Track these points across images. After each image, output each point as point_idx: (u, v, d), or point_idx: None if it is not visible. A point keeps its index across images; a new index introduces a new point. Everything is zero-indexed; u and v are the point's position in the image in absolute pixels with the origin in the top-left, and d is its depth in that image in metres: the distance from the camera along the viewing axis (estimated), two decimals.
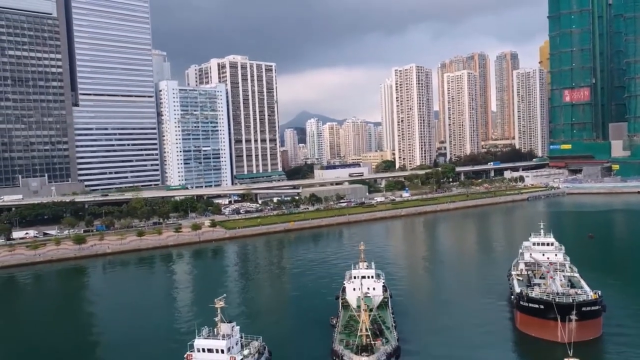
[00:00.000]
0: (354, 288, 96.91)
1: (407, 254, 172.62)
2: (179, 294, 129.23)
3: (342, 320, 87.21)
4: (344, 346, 70.11)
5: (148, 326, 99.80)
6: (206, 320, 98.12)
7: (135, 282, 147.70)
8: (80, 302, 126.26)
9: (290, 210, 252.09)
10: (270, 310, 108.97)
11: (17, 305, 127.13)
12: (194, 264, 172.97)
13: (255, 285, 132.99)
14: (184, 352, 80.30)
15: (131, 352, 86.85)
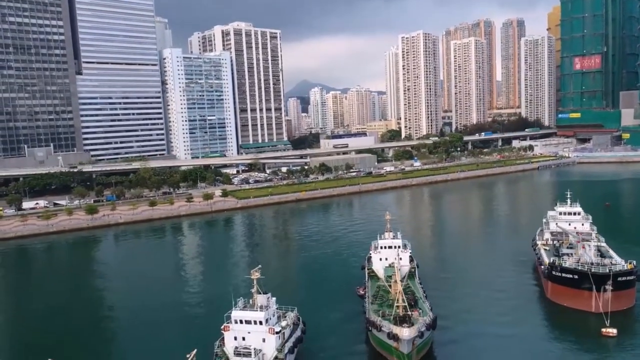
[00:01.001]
0: (380, 258, 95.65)
1: (424, 223, 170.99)
2: (200, 265, 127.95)
3: (371, 291, 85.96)
4: (380, 317, 68.81)
5: (175, 298, 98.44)
6: (233, 291, 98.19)
7: (152, 252, 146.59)
8: (101, 273, 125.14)
9: (300, 180, 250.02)
10: (294, 281, 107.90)
11: (33, 276, 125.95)
12: (208, 234, 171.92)
13: (274, 255, 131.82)
14: (218, 324, 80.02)
15: (166, 326, 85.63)
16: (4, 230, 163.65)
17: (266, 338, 61.49)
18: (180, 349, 72.30)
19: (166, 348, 74.31)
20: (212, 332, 76.44)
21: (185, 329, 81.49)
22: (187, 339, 76.85)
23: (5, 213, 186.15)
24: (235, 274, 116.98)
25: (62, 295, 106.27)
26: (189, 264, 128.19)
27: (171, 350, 72.70)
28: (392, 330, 63.51)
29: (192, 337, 77.50)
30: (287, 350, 61.88)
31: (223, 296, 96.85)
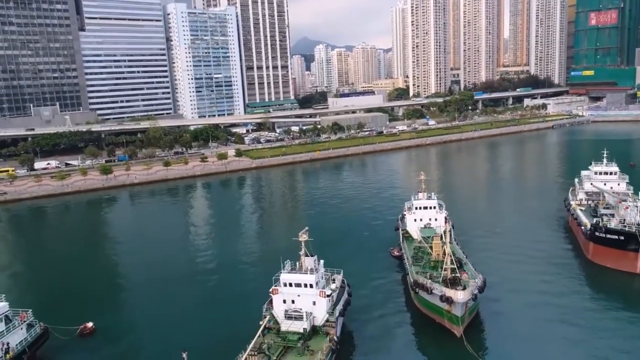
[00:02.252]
0: (415, 219, 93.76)
1: (448, 183, 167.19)
2: (229, 226, 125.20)
3: (409, 252, 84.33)
4: (428, 279, 67.17)
5: (213, 261, 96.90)
6: (271, 253, 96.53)
7: (173, 213, 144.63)
8: (125, 236, 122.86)
9: (312, 139, 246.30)
10: (325, 243, 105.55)
11: (51, 236, 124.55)
12: (226, 195, 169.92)
13: (300, 215, 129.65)
14: (255, 287, 78.72)
15: (209, 289, 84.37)
16: (19, 191, 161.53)
17: (317, 301, 59.91)
18: (227, 313, 71.86)
19: (214, 310, 73.24)
20: (254, 295, 75.55)
21: (228, 292, 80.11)
22: (232, 303, 75.69)
23: (18, 173, 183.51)
24: (267, 236, 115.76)
25: (95, 254, 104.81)
26: (216, 226, 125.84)
27: (220, 313, 71.90)
28: (444, 293, 61.91)
29: (237, 300, 76.34)
30: (338, 313, 60.44)
31: (260, 258, 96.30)
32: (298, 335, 57.60)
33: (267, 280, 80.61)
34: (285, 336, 57.62)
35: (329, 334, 58.87)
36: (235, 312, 71.94)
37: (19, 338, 58.53)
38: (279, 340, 57.15)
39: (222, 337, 64.97)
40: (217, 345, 62.98)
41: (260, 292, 75.26)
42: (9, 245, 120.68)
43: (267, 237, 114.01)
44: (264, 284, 78.76)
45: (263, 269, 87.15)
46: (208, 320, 70.35)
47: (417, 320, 68.62)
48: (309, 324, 58.75)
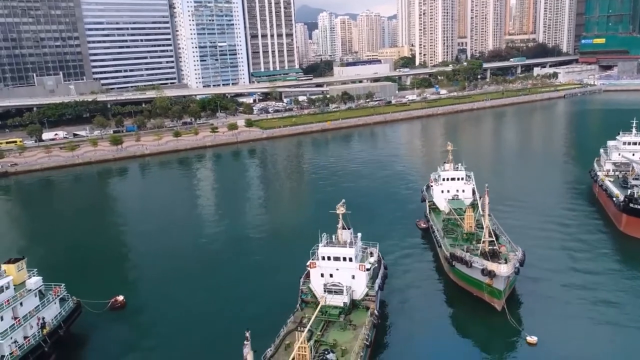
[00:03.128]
0: (442, 190, 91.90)
1: (467, 153, 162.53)
2: (245, 197, 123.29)
3: (438, 225, 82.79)
4: (465, 252, 65.71)
5: (238, 232, 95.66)
6: (294, 225, 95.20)
7: (186, 184, 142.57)
8: (143, 205, 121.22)
9: (321, 109, 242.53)
10: (348, 214, 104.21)
11: (71, 208, 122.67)
12: (239, 165, 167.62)
13: (318, 187, 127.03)
14: (291, 259, 77.29)
15: (238, 258, 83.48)
16: (30, 162, 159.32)
17: (356, 275, 58.46)
18: (260, 287, 70.35)
19: (246, 284, 72.07)
20: (286, 268, 74.50)
21: (258, 266, 78.65)
22: (265, 276, 74.22)
23: (25, 144, 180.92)
24: (289, 208, 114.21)
25: (117, 226, 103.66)
26: (235, 197, 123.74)
27: (253, 286, 70.59)
28: (486, 267, 60.49)
29: (269, 274, 74.89)
30: (377, 287, 59.15)
31: (286, 230, 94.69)
32: (338, 309, 56.41)
33: (293, 252, 79.92)
34: (326, 310, 56.41)
35: (369, 308, 57.69)
36: (268, 286, 70.76)
37: (53, 313, 57.39)
38: (320, 315, 55.94)
39: (258, 311, 63.95)
40: (254, 320, 61.83)
41: (292, 264, 74.36)
42: (27, 217, 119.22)
43: (288, 209, 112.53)
44: (293, 256, 78.06)
45: (291, 241, 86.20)
46: (241, 293, 69.30)
47: (454, 294, 67.53)
48: (348, 298, 57.51)
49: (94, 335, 61.97)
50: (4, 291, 52.15)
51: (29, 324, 53.11)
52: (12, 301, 52.13)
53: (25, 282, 56.28)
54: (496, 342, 57.58)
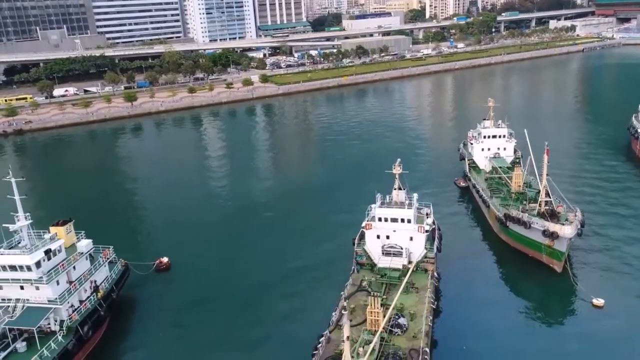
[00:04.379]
0: (482, 148, 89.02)
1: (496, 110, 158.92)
2: (271, 157, 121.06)
3: (481, 184, 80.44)
4: (520, 212, 63.58)
5: (270, 189, 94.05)
6: (330, 183, 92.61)
7: (211, 141, 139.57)
8: (168, 163, 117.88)
9: (335, 64, 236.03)
10: (380, 173, 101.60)
11: (86, 165, 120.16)
12: (257, 122, 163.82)
13: (345, 145, 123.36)
14: (337, 219, 75.63)
15: (283, 219, 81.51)
16: (44, 119, 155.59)
17: (414, 236, 56.42)
18: (309, 248, 68.56)
19: (293, 246, 70.34)
20: (334, 228, 72.91)
21: (303, 227, 76.66)
22: (312, 237, 72.23)
23: (36, 100, 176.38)
24: (321, 166, 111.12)
25: (149, 185, 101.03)
26: (262, 156, 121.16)
27: (300, 248, 68.86)
28: (548, 228, 58.48)
29: (317, 235, 72.93)
30: (436, 249, 57.31)
31: (324, 188, 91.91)
32: (398, 272, 54.68)
33: (336, 211, 78.13)
34: (384, 273, 54.70)
35: (428, 270, 56.01)
36: (317, 247, 69.02)
37: (103, 276, 55.83)
38: (379, 278, 54.34)
39: (309, 273, 62.51)
40: (308, 282, 60.65)
41: (339, 225, 72.90)
42: (48, 177, 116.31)
43: (318, 169, 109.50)
44: (337, 216, 76.45)
45: (330, 200, 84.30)
46: (289, 256, 67.55)
47: (506, 255, 65.91)
48: (407, 260, 55.74)
49: (143, 297, 60.68)
50: (56, 254, 50.29)
51: (83, 288, 51.57)
52: (66, 265, 50.36)
53: (75, 245, 54.39)
54: (559, 305, 56.25)
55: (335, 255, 65.21)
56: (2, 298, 47.92)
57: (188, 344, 51.31)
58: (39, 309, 46.76)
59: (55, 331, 47.05)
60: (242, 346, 50.24)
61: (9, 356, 44.44)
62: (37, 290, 47.59)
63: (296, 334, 50.98)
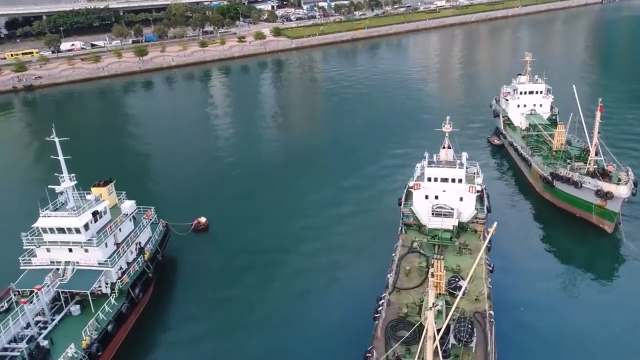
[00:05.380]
0: (518, 105, 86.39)
1: (518, 65, 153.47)
2: (293, 114, 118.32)
3: (519, 141, 78.29)
4: (569, 171, 61.75)
5: (300, 146, 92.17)
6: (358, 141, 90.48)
7: (232, 96, 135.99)
8: (189, 121, 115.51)
9: (348, 17, 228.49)
10: (407, 128, 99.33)
11: (103, 122, 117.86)
12: (273, 77, 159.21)
13: (367, 101, 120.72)
14: (369, 179, 74.09)
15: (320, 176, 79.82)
16: (54, 75, 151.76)
17: (465, 197, 54.78)
18: (347, 210, 67.39)
19: (332, 205, 68.95)
20: (373, 188, 71.55)
21: (339, 185, 75.04)
22: (353, 198, 70.80)
23: (44, 55, 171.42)
24: (345, 124, 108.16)
25: (175, 144, 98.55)
26: (281, 113, 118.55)
27: (340, 208, 67.55)
28: (602, 188, 56.82)
29: (355, 196, 71.46)
30: (486, 209, 55.86)
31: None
32: (450, 233, 53.43)
33: (370, 169, 76.50)
34: (435, 234, 53.44)
35: (478, 231, 54.76)
36: (358, 207, 67.79)
37: (147, 237, 54.64)
38: (430, 239, 53.11)
39: (353, 235, 61.40)
40: (354, 243, 59.58)
41: (377, 184, 71.54)
42: (66, 134, 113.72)
43: (344, 126, 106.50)
44: (370, 173, 74.92)
45: (367, 158, 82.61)
46: (329, 214, 66.26)
47: (552, 215, 64.43)
48: (457, 221, 54.36)
49: (184, 258, 59.72)
50: (102, 216, 48.84)
51: (129, 250, 50.42)
52: (113, 227, 49.01)
53: (118, 206, 52.94)
54: (609, 265, 55.22)
55: (378, 216, 64.26)
56: (51, 261, 46.76)
57: (235, 306, 50.52)
58: (90, 271, 45.69)
59: (107, 294, 46.18)
60: (294, 311, 49.34)
61: (64, 319, 43.69)
62: (87, 252, 46.42)
63: (349, 297, 50.23)
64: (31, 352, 38.27)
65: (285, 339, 45.42)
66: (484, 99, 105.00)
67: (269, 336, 45.91)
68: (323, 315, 48.16)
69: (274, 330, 46.76)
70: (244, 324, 47.78)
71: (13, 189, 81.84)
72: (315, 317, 48.10)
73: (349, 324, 46.21)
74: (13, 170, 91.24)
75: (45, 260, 46.88)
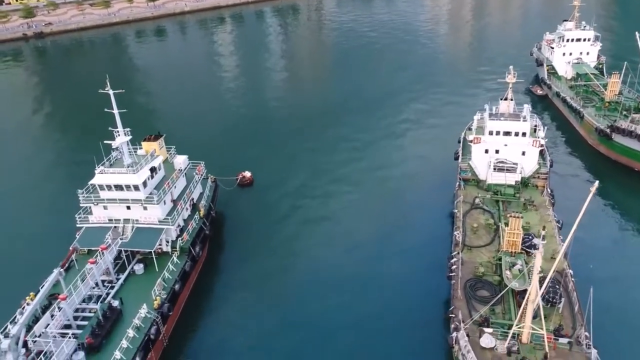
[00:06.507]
0: (563, 53, 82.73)
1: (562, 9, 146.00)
2: (327, 60, 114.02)
3: (567, 92, 75.34)
4: (630, 122, 59.33)
5: (335, 97, 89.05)
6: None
7: (251, 44, 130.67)
8: (216, 69, 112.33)
9: None
10: (444, 77, 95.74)
11: (122, 71, 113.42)
12: (296, 24, 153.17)
13: (401, 47, 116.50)
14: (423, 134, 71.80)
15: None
16: (64, 21, 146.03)
17: (527, 151, 52.73)
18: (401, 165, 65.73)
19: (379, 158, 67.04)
20: (419, 144, 69.47)
21: (383, 140, 72.93)
22: (403, 152, 68.92)
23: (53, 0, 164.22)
24: (379, 72, 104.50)
25: (206, 93, 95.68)
26: (309, 61, 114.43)
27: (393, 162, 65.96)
28: None
29: (407, 145, 69.48)
30: (549, 163, 53.94)
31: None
32: (512, 188, 51.68)
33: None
34: (497, 190, 51.71)
35: (539, 186, 53.04)
36: (408, 159, 66.08)
37: (198, 192, 52.97)
38: (493, 195, 51.43)
39: (406, 188, 59.89)
40: (405, 197, 58.07)
41: (426, 136, 69.59)
42: (84, 85, 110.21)
43: (382, 75, 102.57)
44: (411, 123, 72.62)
45: (406, 107, 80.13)
46: (377, 169, 64.48)
47: (609, 169, 62.64)
48: (520, 176, 52.52)
49: (232, 213, 58.44)
50: (157, 172, 46.94)
51: (185, 207, 48.82)
52: (170, 183, 47.23)
53: (171, 162, 50.97)
54: None
55: (431, 168, 62.78)
56: (109, 218, 45.23)
57: (293, 262, 49.55)
58: (151, 230, 44.26)
59: (167, 252, 44.96)
60: (356, 267, 48.16)
61: (128, 278, 42.67)
62: (145, 210, 44.80)
63: (413, 254, 49.08)
64: (105, 313, 37.39)
65: (355, 297, 44.42)
66: (523, 46, 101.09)
67: (332, 294, 44.84)
68: (389, 273, 47.03)
69: (338, 287, 45.68)
70: (307, 280, 46.87)
71: (47, 145, 79.17)
72: (380, 274, 47.01)
73: (419, 282, 45.35)
74: (48, 125, 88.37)
75: (102, 217, 45.37)
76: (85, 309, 38.37)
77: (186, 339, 41.34)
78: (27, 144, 79.10)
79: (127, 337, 35.45)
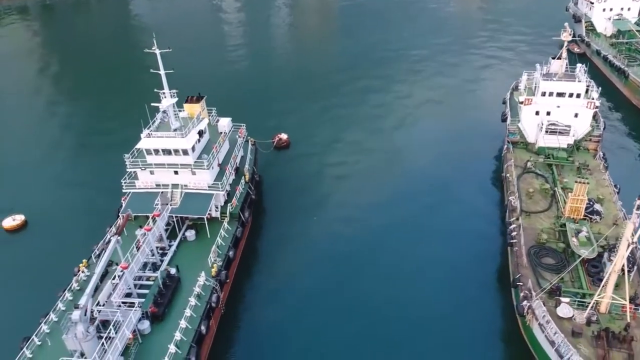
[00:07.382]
0: (604, 9, 79.41)
1: None
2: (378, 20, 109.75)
3: (608, 50, 72.66)
4: None
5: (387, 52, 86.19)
6: None
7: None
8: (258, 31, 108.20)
9: None
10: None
11: (146, 28, 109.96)
12: None
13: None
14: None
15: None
16: None
17: (580, 112, 50.93)
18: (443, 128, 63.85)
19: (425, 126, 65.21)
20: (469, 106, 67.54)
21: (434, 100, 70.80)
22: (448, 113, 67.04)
23: None
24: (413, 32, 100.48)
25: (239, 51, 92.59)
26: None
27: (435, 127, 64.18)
28: None
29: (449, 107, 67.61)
30: (603, 126, 52.21)
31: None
32: (565, 152, 50.19)
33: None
34: (550, 153, 50.22)
35: (591, 149, 51.51)
36: (448, 121, 64.31)
37: (240, 156, 51.40)
38: (545, 158, 49.98)
39: (447, 152, 58.31)
40: (448, 160, 56.62)
41: (467, 95, 67.70)
42: (106, 45, 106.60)
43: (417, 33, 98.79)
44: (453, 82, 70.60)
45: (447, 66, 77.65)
46: (415, 131, 62.84)
47: None
48: (573, 139, 50.88)
49: (272, 177, 57.09)
50: (202, 136, 45.28)
51: (231, 171, 47.37)
52: (218, 147, 45.64)
53: (214, 125, 49.20)
54: None
55: (469, 129, 61.23)
56: (156, 184, 43.88)
57: (340, 226, 48.57)
58: (201, 195, 42.97)
59: (217, 218, 43.82)
60: (407, 230, 47.28)
61: (180, 245, 41.71)
62: (194, 175, 43.38)
63: (465, 217, 48.14)
64: (164, 281, 36.63)
65: (404, 259, 43.64)
66: (558, 0, 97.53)
67: (380, 255, 44.21)
68: (444, 237, 46.02)
69: (384, 248, 45.06)
70: (354, 240, 46.20)
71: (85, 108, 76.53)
72: (428, 230, 46.48)
73: (476, 246, 44.42)
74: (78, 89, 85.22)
75: (149, 183, 43.98)
76: (142, 277, 37.59)
77: (241, 305, 40.85)
78: (58, 105, 76.81)
79: (190, 306, 34.77)
